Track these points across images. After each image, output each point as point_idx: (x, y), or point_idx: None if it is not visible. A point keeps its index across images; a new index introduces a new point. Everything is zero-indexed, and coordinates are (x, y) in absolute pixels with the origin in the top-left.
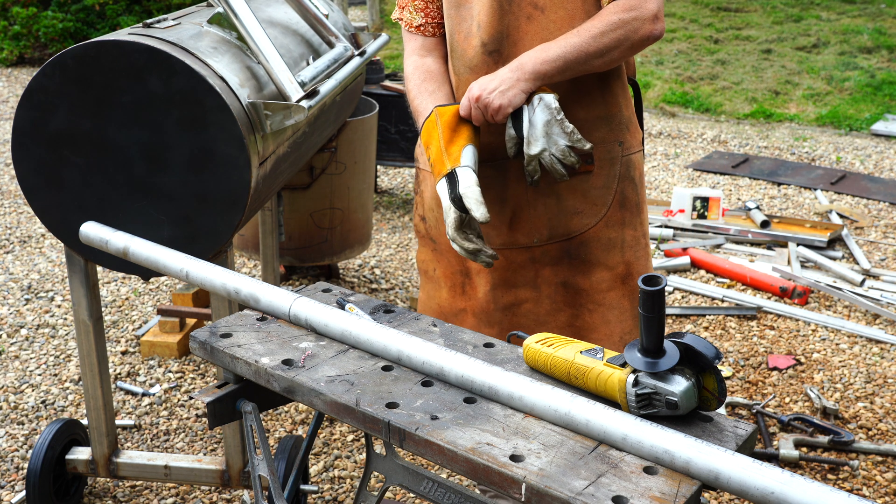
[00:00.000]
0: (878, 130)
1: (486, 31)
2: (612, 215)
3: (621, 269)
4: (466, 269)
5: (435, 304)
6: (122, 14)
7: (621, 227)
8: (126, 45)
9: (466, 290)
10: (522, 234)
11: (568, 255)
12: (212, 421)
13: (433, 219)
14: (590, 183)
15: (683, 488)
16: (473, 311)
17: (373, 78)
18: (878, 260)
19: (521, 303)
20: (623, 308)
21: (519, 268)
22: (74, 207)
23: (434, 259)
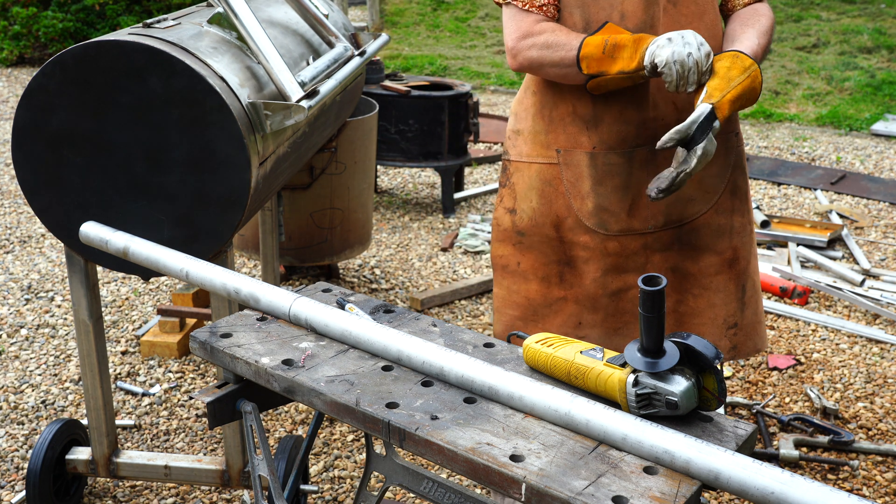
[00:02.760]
0: (878, 130)
1: (630, 20)
2: (722, 202)
3: (729, 255)
4: (570, 257)
5: (521, 298)
6: (122, 14)
7: (731, 214)
8: (126, 45)
9: (566, 278)
10: (639, 220)
11: (678, 242)
12: (212, 421)
13: (528, 209)
14: (706, 171)
15: (683, 488)
16: (576, 299)
17: (373, 78)
18: (878, 260)
19: (628, 288)
20: (729, 291)
21: (631, 254)
22: (74, 207)
23: (517, 253)
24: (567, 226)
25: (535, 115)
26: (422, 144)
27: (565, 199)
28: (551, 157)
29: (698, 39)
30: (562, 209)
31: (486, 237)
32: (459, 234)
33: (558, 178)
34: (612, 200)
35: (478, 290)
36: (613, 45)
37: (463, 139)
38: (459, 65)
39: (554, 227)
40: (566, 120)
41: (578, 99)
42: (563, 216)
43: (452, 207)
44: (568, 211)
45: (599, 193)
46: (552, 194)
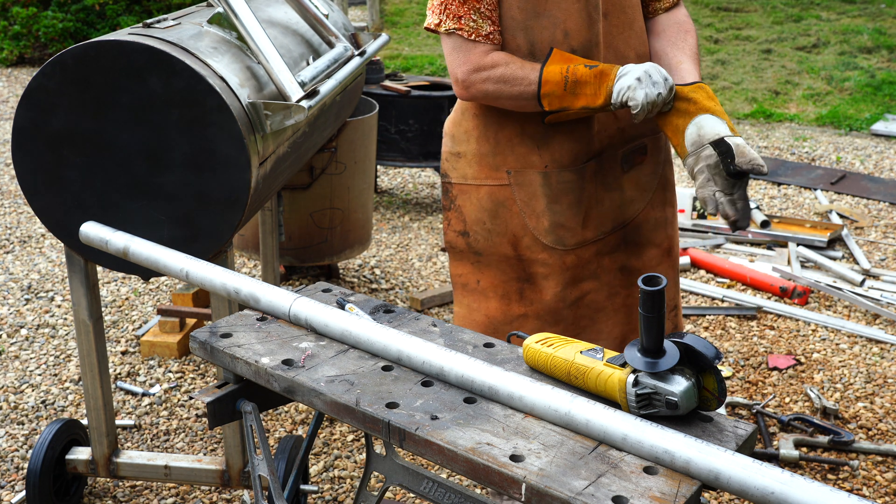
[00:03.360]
0: (878, 130)
1: (575, 38)
2: (656, 197)
3: (666, 245)
4: (529, 274)
5: (481, 316)
6: (122, 14)
7: (663, 207)
8: (126, 45)
9: (526, 294)
10: (591, 230)
11: (624, 241)
12: (212, 421)
13: (482, 231)
14: (641, 172)
15: (683, 488)
16: (537, 314)
17: (373, 78)
18: (878, 260)
19: (584, 295)
20: (670, 278)
21: (586, 263)
22: (74, 207)
23: (476, 271)
24: (524, 244)
25: (478, 137)
26: (422, 144)
27: (520, 219)
28: (501, 179)
29: (662, 74)
30: (517, 228)
31: None
32: None
33: (511, 198)
34: (567, 216)
35: None
36: (574, 82)
37: None
38: None
39: (511, 246)
40: (514, 141)
41: (527, 120)
42: (520, 235)
43: None
44: (524, 230)
45: (555, 211)
46: (506, 215)
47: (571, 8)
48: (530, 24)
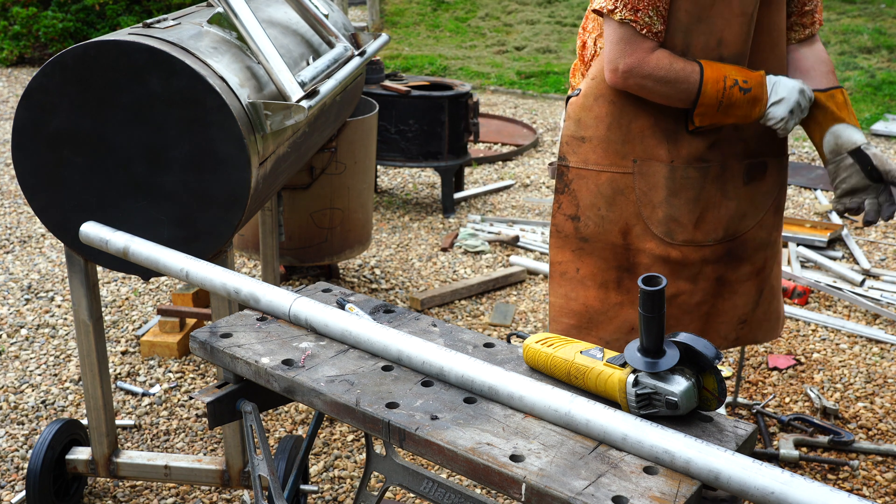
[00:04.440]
0: (878, 130)
1: (727, 48)
2: (766, 219)
3: (760, 265)
4: (632, 264)
5: (578, 305)
6: (122, 14)
7: (770, 230)
8: (126, 45)
9: (624, 283)
10: (702, 233)
11: (728, 254)
12: (212, 421)
13: (595, 217)
14: (758, 189)
15: (683, 488)
16: (633, 303)
17: (373, 78)
18: (878, 260)
19: (678, 294)
20: (751, 294)
21: (689, 264)
22: (74, 207)
23: (577, 259)
24: (634, 233)
25: (609, 124)
26: (422, 144)
27: (635, 208)
28: (626, 167)
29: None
30: (631, 217)
31: (485, 237)
32: (459, 234)
33: (630, 186)
34: (682, 212)
35: (478, 290)
36: (728, 105)
37: (463, 139)
38: (459, 65)
39: (621, 234)
40: (646, 132)
41: (661, 112)
42: (632, 224)
43: (452, 207)
44: (637, 219)
45: (672, 204)
46: (623, 202)
47: (733, 20)
48: (691, 27)
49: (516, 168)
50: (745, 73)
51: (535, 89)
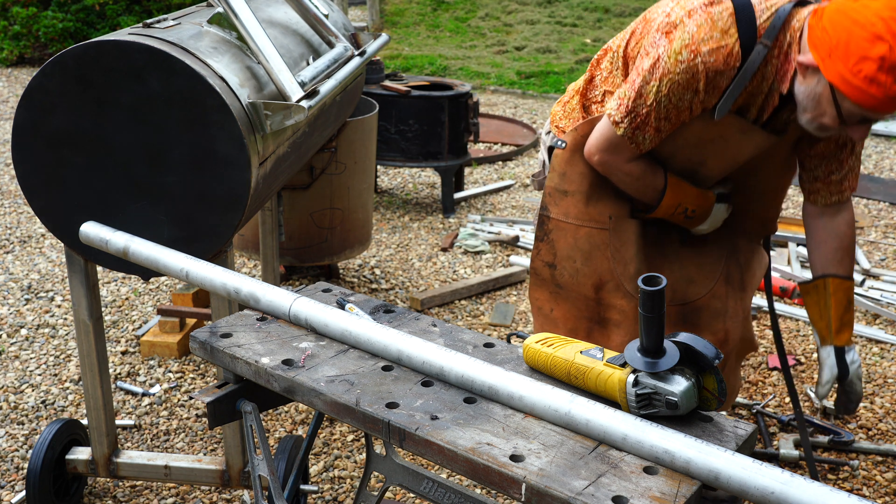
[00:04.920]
0: (878, 130)
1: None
2: (717, 289)
3: (721, 336)
4: (602, 318)
5: None
6: (122, 14)
7: (725, 300)
8: (126, 45)
9: (593, 336)
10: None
11: (682, 320)
12: (212, 421)
13: (570, 269)
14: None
15: (683, 488)
16: None
17: (373, 78)
18: (878, 260)
19: None
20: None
21: None
22: (74, 207)
23: (552, 300)
24: (607, 289)
25: (592, 181)
26: (422, 144)
27: (610, 264)
28: (603, 223)
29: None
30: (605, 273)
31: (486, 237)
32: (459, 234)
33: (606, 243)
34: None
35: (478, 290)
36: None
37: (463, 139)
38: (459, 65)
39: (594, 289)
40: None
41: None
42: (606, 279)
43: (452, 207)
44: (611, 275)
45: (640, 259)
46: (599, 258)
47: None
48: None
49: (516, 168)
50: (700, 200)
51: (535, 89)
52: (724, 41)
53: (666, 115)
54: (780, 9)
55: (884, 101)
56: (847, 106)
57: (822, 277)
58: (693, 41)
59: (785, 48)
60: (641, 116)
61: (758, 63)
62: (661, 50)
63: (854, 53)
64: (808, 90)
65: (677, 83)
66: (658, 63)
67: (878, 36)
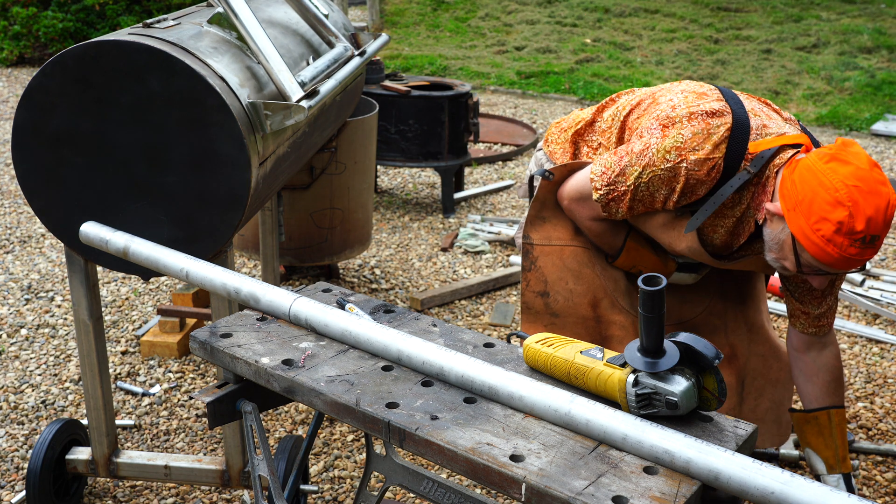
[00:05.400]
0: (878, 130)
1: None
2: (713, 306)
3: (727, 351)
4: (605, 336)
5: None
6: (122, 14)
7: (723, 315)
8: (126, 45)
9: None
10: None
11: None
12: (212, 421)
13: (563, 291)
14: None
15: (683, 488)
16: None
17: (373, 78)
18: (878, 260)
19: None
20: (731, 384)
21: None
22: (74, 207)
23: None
24: (603, 305)
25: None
26: (422, 144)
27: (601, 281)
28: (586, 243)
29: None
30: (598, 290)
31: (486, 237)
32: (459, 234)
33: (593, 259)
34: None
35: (478, 290)
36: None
37: (463, 139)
38: (459, 65)
39: (591, 307)
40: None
41: None
42: (600, 297)
43: (452, 207)
44: (604, 292)
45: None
46: (589, 275)
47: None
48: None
49: (516, 168)
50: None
51: (535, 89)
52: (712, 154)
53: (640, 199)
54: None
55: (839, 261)
56: (806, 257)
57: (824, 409)
58: (684, 146)
59: (764, 180)
60: (619, 192)
61: (736, 186)
62: (653, 140)
63: (816, 213)
64: (774, 234)
65: (658, 177)
66: (646, 152)
67: (839, 201)
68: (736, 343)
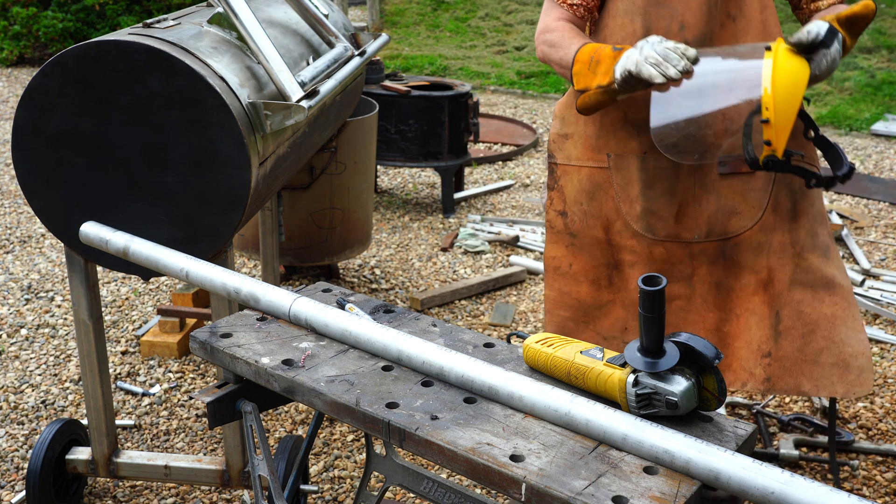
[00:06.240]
0: (878, 130)
1: (690, 31)
2: (765, 219)
3: (764, 275)
4: (617, 261)
5: (572, 300)
6: (122, 14)
7: (771, 232)
8: (126, 45)
9: (615, 282)
10: (685, 228)
11: (723, 256)
12: (212, 421)
13: (579, 212)
14: (749, 185)
15: (683, 488)
16: (623, 303)
17: (373, 78)
18: (878, 260)
19: (673, 299)
20: (763, 315)
21: (677, 262)
22: (74, 207)
23: (570, 255)
24: (616, 229)
25: (586, 120)
26: (422, 144)
27: (615, 203)
28: (602, 161)
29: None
30: (611, 212)
31: (486, 237)
32: (459, 234)
33: (609, 181)
34: (659, 204)
35: (478, 290)
36: (597, 61)
37: (463, 139)
38: (459, 65)
39: (603, 230)
40: (617, 125)
41: (630, 105)
42: (613, 219)
43: (452, 207)
44: (617, 214)
45: (648, 197)
46: (602, 197)
47: (693, 4)
48: (650, 10)
49: (516, 168)
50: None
51: (535, 89)
52: None
53: None
54: None
55: None
56: None
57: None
58: None
59: None
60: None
61: None
62: None
63: None
64: None
65: None
66: None
67: None
68: (775, 267)
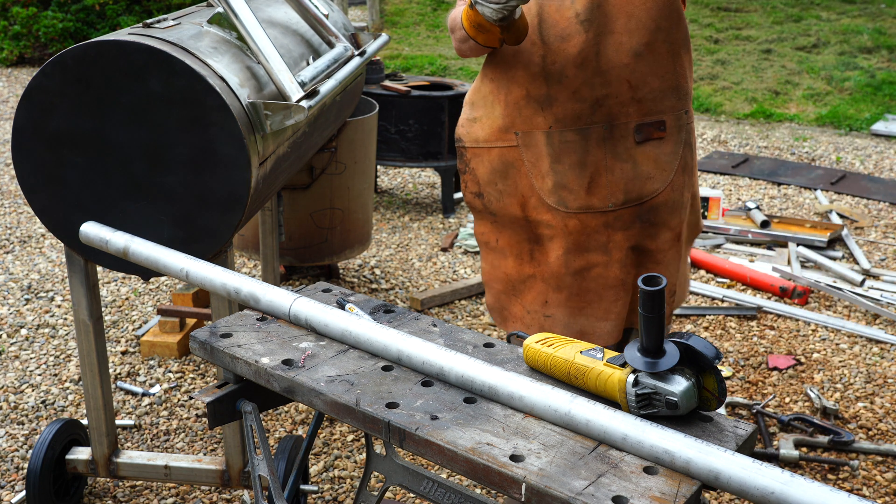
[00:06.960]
0: (878, 130)
1: (580, 2)
2: (676, 180)
3: (679, 230)
4: (537, 235)
5: (501, 273)
6: (122, 14)
7: (682, 190)
8: (126, 45)
9: (535, 256)
10: (598, 198)
11: (639, 220)
12: (212, 421)
13: (494, 192)
14: (661, 149)
15: (683, 488)
16: (542, 277)
17: (373, 78)
18: (878, 260)
19: (591, 267)
20: (675, 265)
21: (592, 232)
22: (74, 207)
23: (495, 230)
24: (531, 205)
25: (492, 101)
26: (422, 144)
27: (528, 180)
28: (511, 140)
29: None
30: (526, 189)
31: None
32: (459, 234)
33: (520, 159)
34: (569, 178)
35: (478, 290)
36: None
37: None
38: (459, 65)
39: (520, 207)
40: (521, 103)
41: (531, 82)
42: (528, 196)
43: (452, 207)
44: (531, 190)
45: (557, 171)
46: (515, 175)
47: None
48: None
49: None
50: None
51: None
52: None
53: None
54: None
55: None
56: None
57: None
58: None
59: None
60: None
61: None
62: None
63: None
64: None
65: None
66: None
67: None
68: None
